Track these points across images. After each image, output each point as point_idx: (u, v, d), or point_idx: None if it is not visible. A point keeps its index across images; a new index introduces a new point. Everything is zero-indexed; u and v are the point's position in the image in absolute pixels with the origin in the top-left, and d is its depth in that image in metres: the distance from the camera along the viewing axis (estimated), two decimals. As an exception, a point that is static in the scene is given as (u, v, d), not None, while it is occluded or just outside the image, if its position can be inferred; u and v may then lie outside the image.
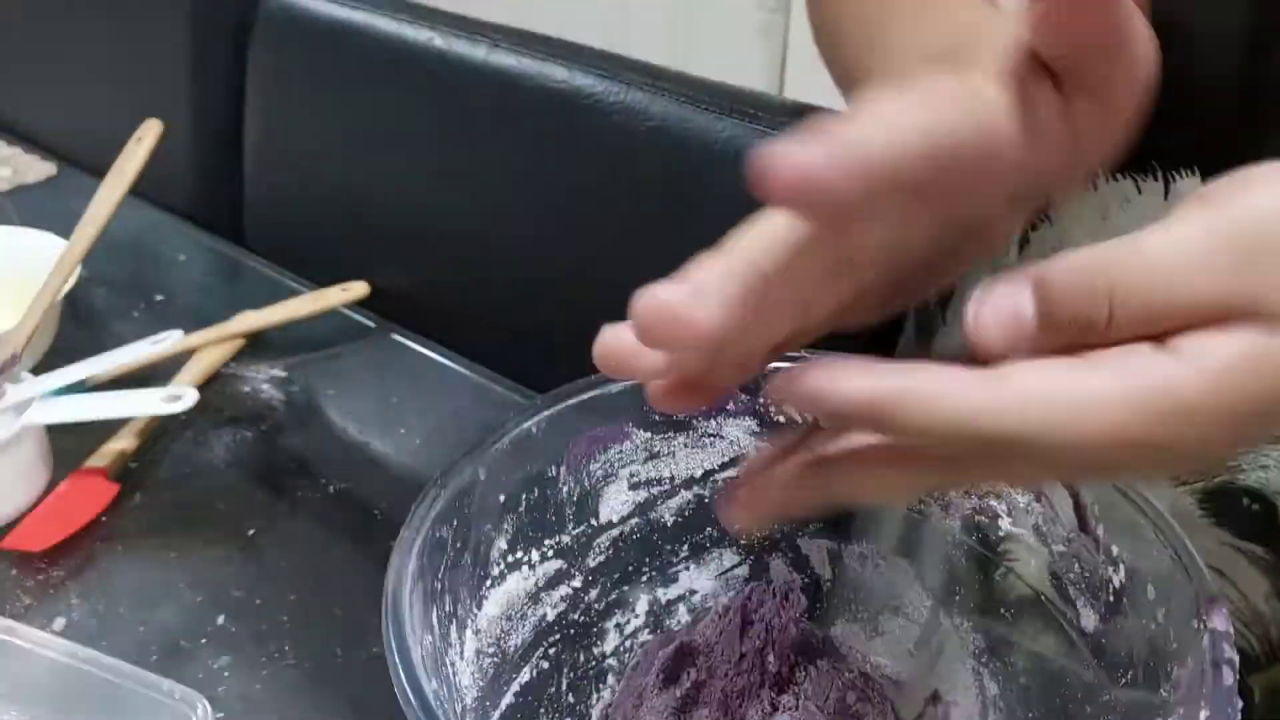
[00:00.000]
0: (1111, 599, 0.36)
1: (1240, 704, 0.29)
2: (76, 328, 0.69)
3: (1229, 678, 0.29)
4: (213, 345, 0.67)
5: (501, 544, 0.39)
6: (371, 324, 0.73)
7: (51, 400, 0.54)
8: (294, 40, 0.78)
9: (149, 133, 0.62)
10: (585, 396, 0.40)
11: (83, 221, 0.60)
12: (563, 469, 0.41)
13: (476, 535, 0.37)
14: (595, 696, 0.42)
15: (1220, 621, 0.30)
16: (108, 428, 0.59)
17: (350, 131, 0.77)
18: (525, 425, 0.39)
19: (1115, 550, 0.36)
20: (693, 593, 0.45)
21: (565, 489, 0.41)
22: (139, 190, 0.69)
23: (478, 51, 0.67)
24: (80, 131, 0.93)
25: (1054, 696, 0.38)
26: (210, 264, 0.82)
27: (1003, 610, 0.41)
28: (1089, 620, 0.37)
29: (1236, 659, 0.29)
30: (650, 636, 0.44)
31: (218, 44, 0.83)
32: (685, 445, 0.43)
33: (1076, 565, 0.38)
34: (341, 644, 0.48)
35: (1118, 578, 0.36)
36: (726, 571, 0.45)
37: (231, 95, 0.83)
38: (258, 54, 0.81)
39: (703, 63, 0.71)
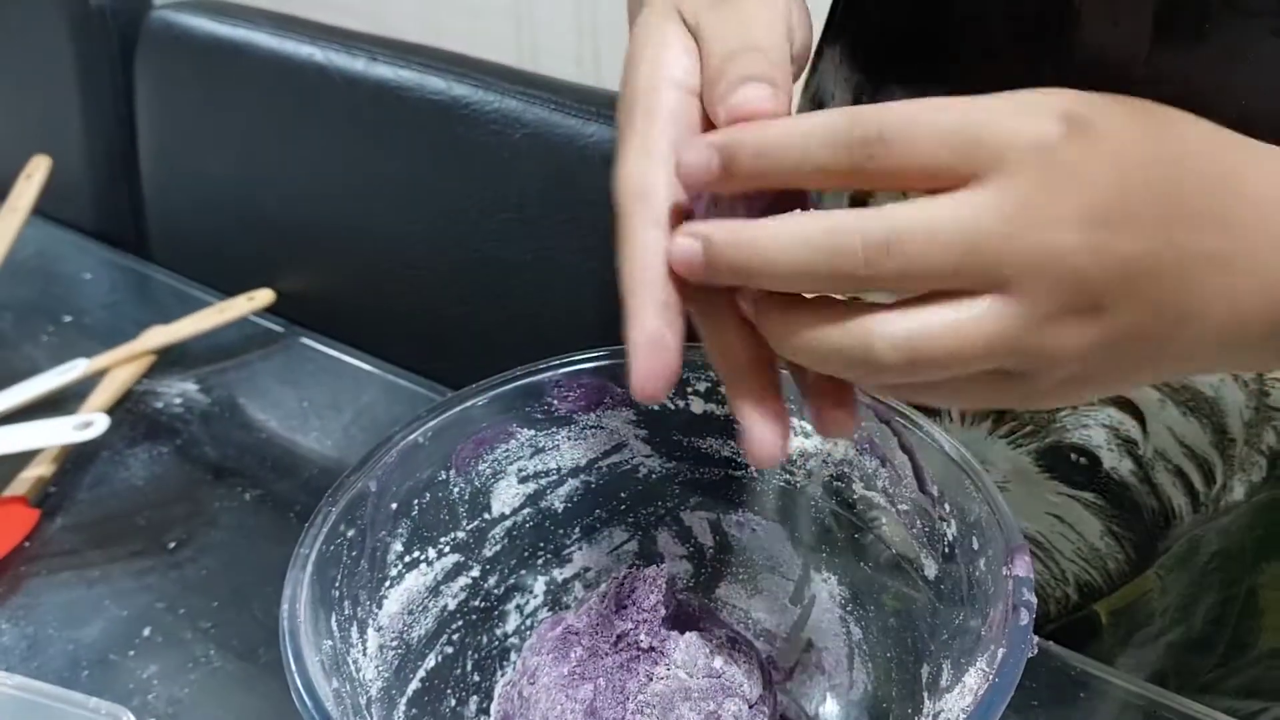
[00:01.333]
0: (947, 550, 0.40)
1: (1034, 640, 0.33)
2: (-15, 357, 0.71)
3: (1024, 618, 0.33)
4: (123, 364, 0.69)
5: (398, 547, 0.42)
6: (280, 329, 0.75)
7: (-37, 436, 0.56)
8: (178, 58, 0.79)
9: (38, 169, 0.63)
10: (468, 404, 0.43)
11: (-21, 259, 0.61)
12: (452, 472, 0.44)
13: (372, 542, 0.40)
14: (500, 674, 0.46)
15: (1022, 568, 0.35)
16: (25, 455, 0.61)
17: (242, 144, 0.78)
18: (411, 436, 0.42)
19: (948, 507, 0.40)
20: (586, 570, 0.49)
21: (456, 490, 0.44)
22: (40, 210, 0.71)
23: (357, 64, 0.69)
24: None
25: (906, 637, 0.42)
26: (116, 280, 0.83)
27: (862, 564, 0.45)
28: (930, 569, 0.41)
29: (1034, 602, 0.34)
30: (549, 613, 0.47)
31: (103, 65, 0.83)
32: (569, 438, 0.47)
33: (919, 521, 0.42)
34: (263, 644, 0.51)
35: (950, 531, 0.40)
36: (617, 548, 0.49)
37: (122, 113, 0.84)
38: (143, 73, 0.82)
39: (614, 74, 0.73)
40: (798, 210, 0.28)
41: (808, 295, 0.29)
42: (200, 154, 0.81)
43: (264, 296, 0.74)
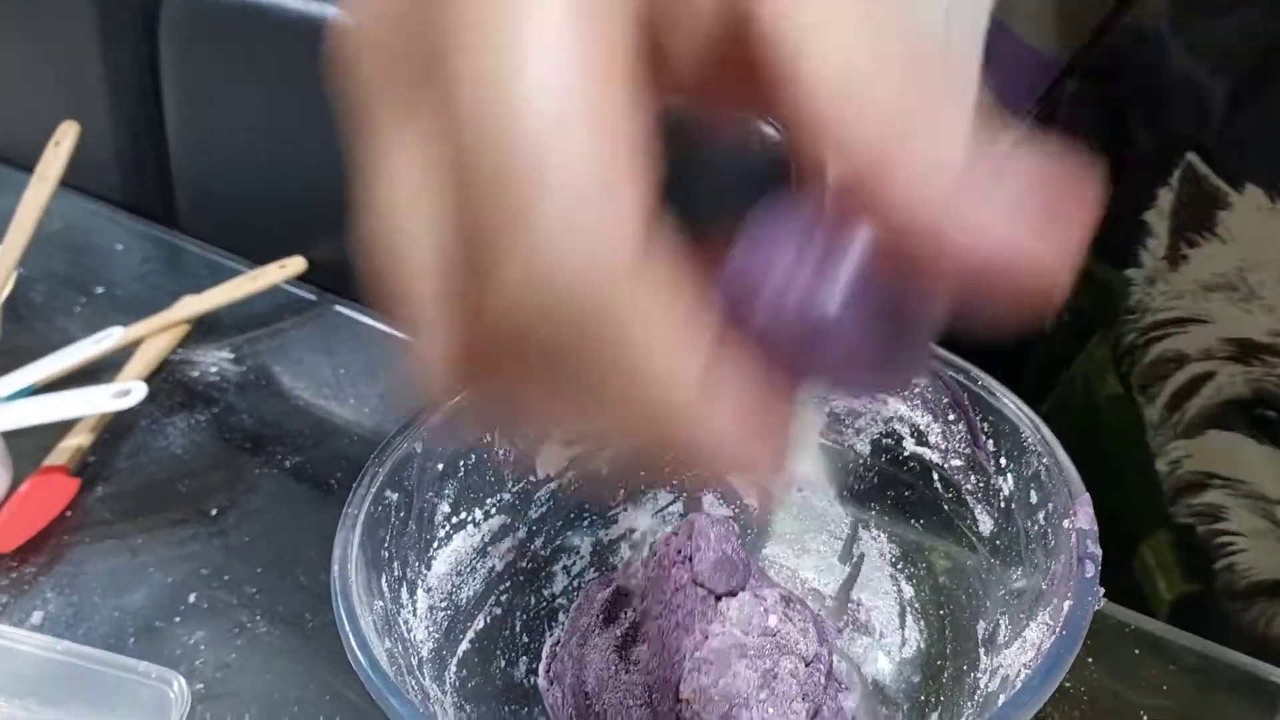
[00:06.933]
0: (1003, 505, 0.40)
1: (1101, 592, 0.32)
2: (20, 329, 0.70)
3: (1090, 570, 0.32)
4: (158, 334, 0.69)
5: (445, 508, 0.42)
6: (313, 297, 0.75)
7: (1, 406, 0.56)
8: (201, 24, 0.78)
9: (66, 136, 0.63)
10: (510, 363, 0.43)
11: (11, 229, 0.61)
12: (496, 434, 0.43)
13: (419, 503, 0.40)
14: (548, 634, 0.46)
15: (1085, 520, 0.34)
16: (63, 425, 0.61)
17: (268, 109, 0.78)
18: (456, 398, 0.41)
19: (1004, 461, 0.40)
20: (632, 531, 0.48)
21: (501, 452, 0.44)
22: (69, 182, 0.70)
23: (385, 25, 0.68)
24: (1, 130, 0.93)
25: (960, 594, 0.42)
26: (147, 251, 0.83)
27: (913, 521, 0.44)
28: (985, 525, 0.41)
29: (1099, 554, 0.33)
30: (596, 574, 0.47)
31: (127, 34, 0.82)
32: (611, 398, 0.46)
33: (972, 477, 0.41)
34: (309, 609, 0.51)
35: (1007, 486, 0.39)
36: (662, 509, 0.48)
37: (147, 82, 0.84)
38: (167, 40, 0.81)
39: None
40: None
41: None
42: (227, 121, 0.80)
43: (295, 264, 0.74)
